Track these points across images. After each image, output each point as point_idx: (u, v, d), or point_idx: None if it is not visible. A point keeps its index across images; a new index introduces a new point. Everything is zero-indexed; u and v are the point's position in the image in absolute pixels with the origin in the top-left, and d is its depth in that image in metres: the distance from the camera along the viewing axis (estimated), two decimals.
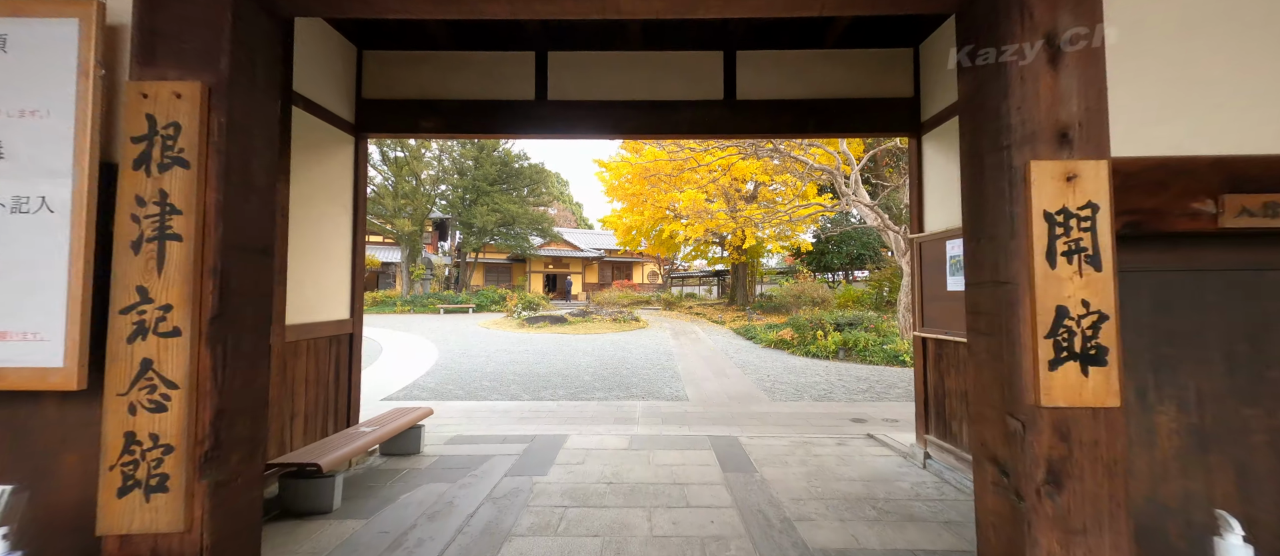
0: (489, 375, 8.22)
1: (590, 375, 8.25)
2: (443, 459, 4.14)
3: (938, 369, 3.92)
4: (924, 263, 4.07)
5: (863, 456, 4.23)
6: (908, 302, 10.36)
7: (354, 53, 4.19)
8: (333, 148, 4.00)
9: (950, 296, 3.71)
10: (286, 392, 3.41)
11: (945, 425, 3.78)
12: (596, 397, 6.78)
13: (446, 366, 9.07)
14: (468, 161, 24.74)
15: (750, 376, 8.27)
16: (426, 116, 4.30)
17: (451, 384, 7.63)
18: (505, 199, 23.70)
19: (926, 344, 4.07)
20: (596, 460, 4.06)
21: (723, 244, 21.31)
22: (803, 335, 10.89)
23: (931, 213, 4.04)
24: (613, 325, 15.72)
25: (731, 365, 9.37)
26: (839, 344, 10.10)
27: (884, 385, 7.49)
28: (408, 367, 8.95)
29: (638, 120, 4.33)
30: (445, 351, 10.82)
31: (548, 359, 9.83)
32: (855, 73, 4.27)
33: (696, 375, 8.40)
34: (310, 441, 3.63)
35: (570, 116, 4.29)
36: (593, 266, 35.39)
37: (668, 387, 7.42)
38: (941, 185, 3.92)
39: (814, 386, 7.46)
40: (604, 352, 10.67)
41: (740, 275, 21.52)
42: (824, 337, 10.44)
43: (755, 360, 9.92)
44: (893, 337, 10.35)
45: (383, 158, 22.09)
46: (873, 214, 11.03)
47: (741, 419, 5.64)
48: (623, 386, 7.47)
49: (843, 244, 18.38)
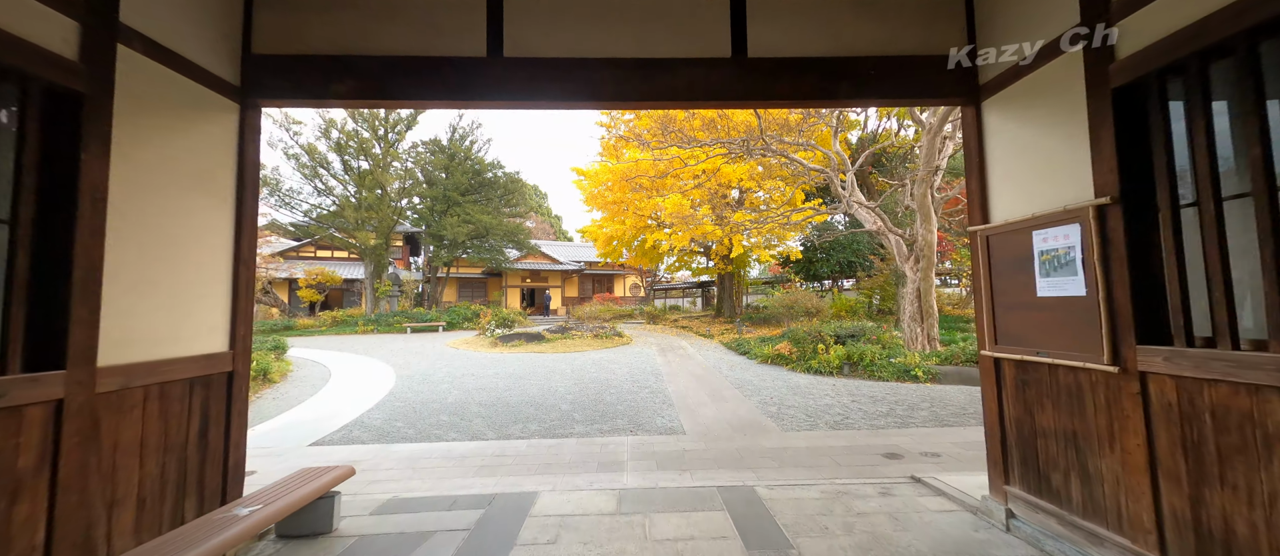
0: (449, 407, 7.03)
1: (569, 403, 7.14)
2: (363, 541, 3.01)
3: (1021, 399, 3.00)
4: (995, 261, 3.17)
5: (920, 513, 3.27)
6: (912, 311, 9.61)
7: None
8: (203, 117, 2.90)
9: (1041, 304, 2.80)
10: (100, 468, 2.26)
11: (1040, 476, 2.85)
12: (576, 433, 5.68)
13: (401, 396, 7.83)
14: (438, 172, 23.43)
15: (752, 399, 7.29)
16: (341, 78, 3.24)
17: (402, 420, 6.42)
18: (478, 209, 22.43)
19: (1001, 366, 3.15)
20: (573, 535, 2.99)
21: (708, 253, 20.50)
22: (802, 349, 10.01)
23: (1001, 197, 3.15)
24: (594, 341, 14.61)
25: (727, 385, 8.39)
26: (842, 358, 9.24)
27: (904, 407, 6.60)
28: (353, 400, 7.68)
29: (620, 83, 3.35)
30: (404, 377, 9.54)
31: (521, 383, 8.68)
32: (895, 23, 3.40)
33: (691, 399, 7.38)
34: (147, 536, 2.47)
35: (533, 78, 3.29)
36: (572, 280, 34.21)
37: (659, 416, 6.37)
38: (1015, 161, 3.04)
39: (826, 410, 6.52)
40: (585, 374, 9.56)
41: (727, 286, 20.70)
42: (825, 352, 9.57)
43: (753, 379, 8.96)
44: (898, 350, 9.55)
45: (345, 167, 20.65)
46: (871, 217, 10.31)
47: (752, 457, 4.64)
48: (607, 416, 6.39)
49: (832, 252, 17.77)
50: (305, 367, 10.93)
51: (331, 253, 29.34)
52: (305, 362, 11.61)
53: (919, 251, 9.44)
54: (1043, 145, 2.83)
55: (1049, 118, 2.78)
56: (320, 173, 19.75)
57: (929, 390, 7.64)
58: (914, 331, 9.67)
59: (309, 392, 8.32)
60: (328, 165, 19.97)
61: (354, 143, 20.39)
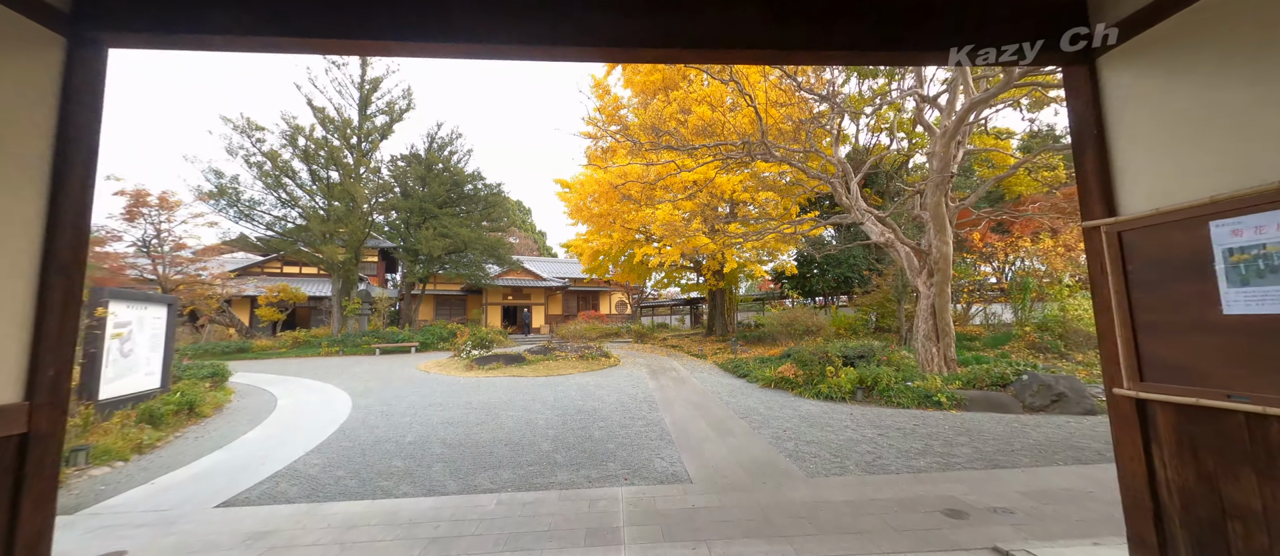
0: (407, 448, 5.91)
1: (551, 440, 6.09)
2: None
3: (1192, 462, 2.11)
4: (1133, 266, 2.32)
5: None
6: (926, 330, 8.85)
7: None
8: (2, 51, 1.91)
9: (1230, 326, 1.95)
10: None
11: None
12: (558, 481, 4.65)
13: (352, 434, 6.66)
14: (414, 183, 22.26)
15: (762, 433, 6.34)
16: (221, 6, 2.29)
17: (346, 466, 5.29)
18: (456, 222, 21.26)
19: (1151, 412, 2.28)
20: None
21: (698, 268, 19.69)
22: (808, 372, 9.13)
23: (1141, 178, 2.31)
24: (579, 363, 13.53)
25: (732, 415, 7.43)
26: (855, 382, 8.38)
27: (940, 441, 5.73)
28: (293, 438, 6.49)
29: (617, 27, 2.47)
30: (360, 408, 8.35)
31: (496, 415, 7.58)
32: None
33: (692, 433, 6.40)
34: None
35: (494, 16, 2.39)
36: (556, 297, 33.04)
37: (659, 458, 5.37)
38: (1167, 127, 2.22)
39: (852, 447, 5.60)
40: (569, 402, 8.50)
41: (718, 303, 19.87)
42: (835, 374, 8.71)
43: (758, 406, 8.02)
44: (911, 371, 8.75)
45: (313, 177, 19.37)
46: (879, 227, 9.60)
47: (781, 518, 3.68)
48: (596, 458, 5.37)
49: (826, 267, 17.12)
50: (248, 396, 9.60)
51: (300, 269, 27.69)
52: (249, 391, 10.27)
53: (933, 264, 8.73)
54: (1218, 101, 2.01)
55: (1229, 61, 1.97)
56: (284, 182, 18.43)
57: (958, 419, 6.81)
58: (929, 351, 8.90)
59: (242, 429, 7.08)
60: (293, 174, 18.67)
61: (324, 151, 19.18)
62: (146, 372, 7.71)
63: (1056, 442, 5.62)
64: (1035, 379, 7.38)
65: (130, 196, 12.73)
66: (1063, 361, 10.87)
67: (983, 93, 7.41)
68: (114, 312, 6.85)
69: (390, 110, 21.58)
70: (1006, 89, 7.08)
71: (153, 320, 7.89)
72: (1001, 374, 7.86)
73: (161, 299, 8.17)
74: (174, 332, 8.38)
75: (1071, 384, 7.21)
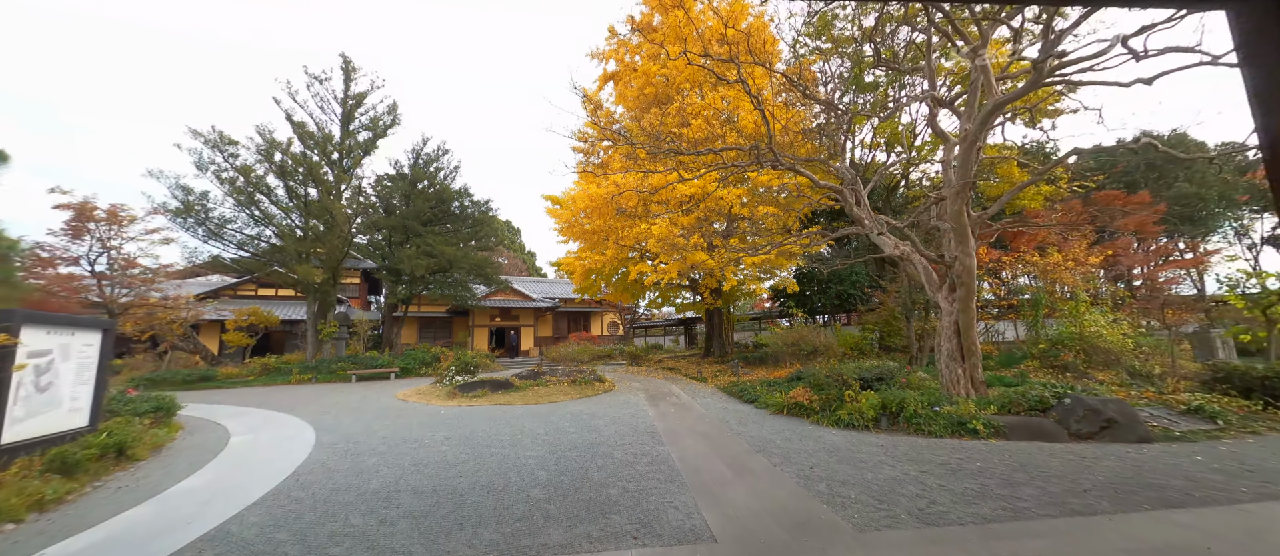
0: (371, 498, 4.97)
1: (542, 486, 5.19)
2: None
3: None
4: None
5: None
6: (950, 349, 8.17)
7: None
8: None
9: None
10: None
11: None
12: (552, 545, 3.76)
13: (307, 480, 5.68)
14: (396, 200, 21.37)
15: (786, 470, 5.51)
16: None
17: (290, 526, 4.33)
18: (441, 240, 20.33)
19: None
20: None
21: (695, 287, 18.97)
22: (824, 396, 8.35)
23: None
24: (571, 389, 12.58)
25: (747, 448, 6.59)
26: (877, 408, 7.62)
27: (997, 480, 4.96)
28: (238, 486, 5.50)
29: None
30: (325, 446, 7.34)
31: (479, 453, 6.64)
32: None
33: (706, 473, 5.54)
34: None
35: None
36: (546, 318, 32.02)
37: (671, 504, 4.51)
38: None
39: (896, 488, 4.80)
40: (562, 436, 7.58)
41: (716, 323, 19.10)
42: (853, 399, 7.94)
43: (774, 437, 7.20)
44: (935, 395, 8.02)
45: (290, 194, 18.41)
46: (892, 240, 9.00)
47: None
48: (596, 508, 4.49)
49: (828, 284, 16.51)
50: (197, 433, 8.50)
51: (276, 292, 26.38)
52: (200, 426, 9.15)
53: (956, 278, 8.11)
54: None
55: None
56: (258, 199, 17.43)
57: (1002, 451, 6.05)
58: (953, 373, 8.20)
59: (179, 474, 6.04)
60: (268, 190, 17.68)
61: (302, 167, 18.28)
62: (71, 409, 6.65)
63: (1129, 480, 4.87)
64: (1079, 402, 6.69)
65: (74, 209, 11.64)
66: (1083, 381, 10.26)
67: (1007, 94, 6.91)
68: (25, 341, 5.84)
69: (374, 126, 20.84)
70: (1034, 88, 6.58)
71: (81, 348, 6.86)
72: (1039, 397, 7.15)
73: (94, 323, 7.16)
74: (108, 362, 7.34)
75: (1120, 407, 6.53)
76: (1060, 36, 6.14)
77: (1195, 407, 7.04)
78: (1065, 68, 6.48)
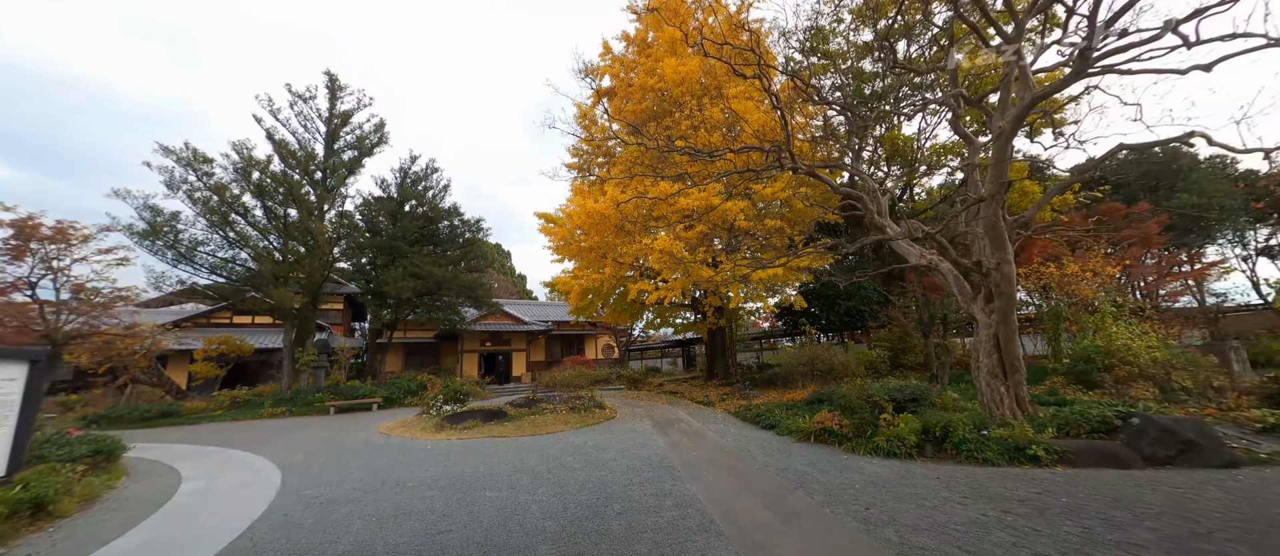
0: None
1: (552, 542, 4.28)
2: None
3: None
4: None
5: None
6: (990, 365, 7.49)
7: None
8: None
9: None
10: None
11: None
12: None
13: (263, 539, 4.69)
14: (382, 219, 20.46)
15: (839, 512, 4.67)
16: None
17: None
18: (428, 260, 19.38)
19: None
20: None
21: (696, 306, 18.21)
22: (856, 420, 7.55)
23: None
24: (571, 417, 11.61)
25: (783, 484, 5.74)
26: (918, 433, 6.83)
27: (1099, 520, 4.18)
28: (176, 548, 4.49)
29: None
30: (289, 491, 6.31)
31: (471, 498, 5.69)
32: None
33: (744, 517, 4.68)
34: None
35: None
36: (538, 342, 30.89)
37: None
38: None
39: (982, 536, 3.99)
40: (568, 474, 6.65)
41: (718, 343, 18.29)
42: (891, 424, 7.16)
43: (809, 469, 6.35)
44: (976, 416, 7.26)
45: (268, 214, 17.43)
46: (917, 248, 8.38)
47: None
48: None
49: (835, 301, 15.88)
50: (144, 480, 7.39)
51: (253, 319, 25.00)
52: (150, 470, 8.01)
53: (994, 287, 7.47)
54: None
55: None
56: (234, 219, 16.42)
57: (1078, 481, 5.28)
58: (995, 391, 7.48)
59: (107, 535, 4.99)
60: (245, 211, 16.69)
61: (283, 188, 17.36)
62: None
63: (1248, 515, 4.12)
64: (1151, 423, 5.98)
65: (14, 227, 10.54)
66: (1119, 398, 9.62)
67: (1046, 85, 6.41)
68: None
69: (360, 144, 20.09)
70: (1078, 78, 6.09)
71: (1, 384, 5.83)
72: (1101, 417, 6.44)
73: (17, 354, 6.13)
74: (36, 399, 6.28)
75: (1198, 427, 5.83)
76: (1115, 16, 5.69)
77: (1272, 426, 6.38)
78: (1110, 56, 6.02)
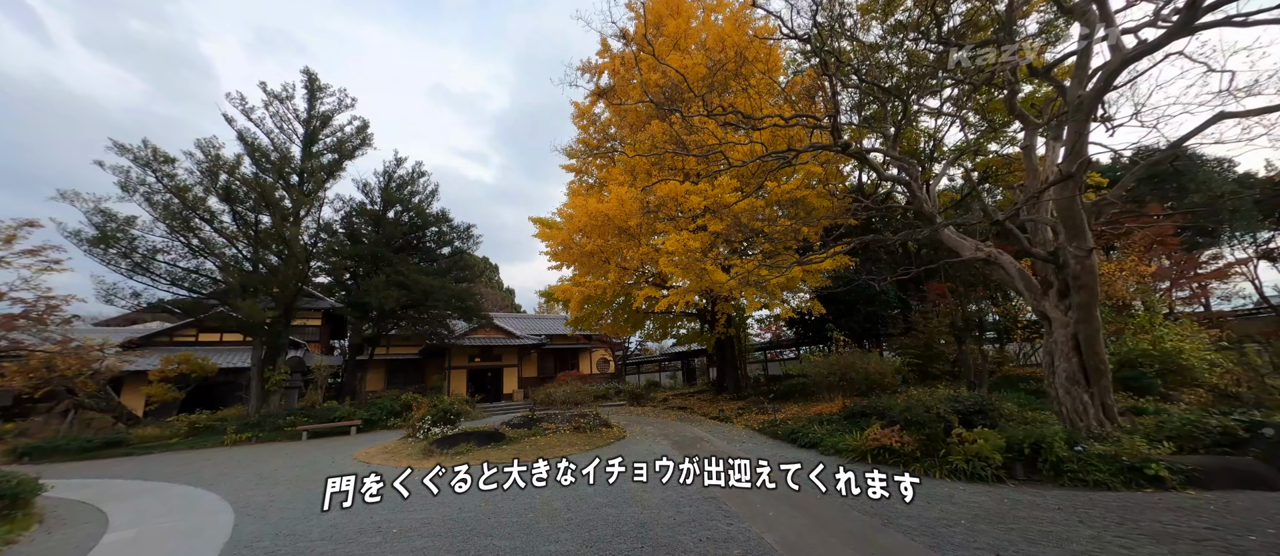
0: None
1: None
2: None
3: None
4: None
5: None
6: (1068, 370, 6.59)
7: None
8: None
9: None
10: None
11: None
12: None
13: None
14: (364, 225, 19.06)
15: None
16: None
17: None
18: (414, 269, 17.99)
19: None
20: None
21: (702, 315, 17.11)
22: (921, 436, 6.49)
23: None
24: (577, 438, 10.34)
25: (861, 517, 4.65)
26: (1001, 450, 5.79)
27: None
28: None
29: None
30: (241, 543, 4.99)
31: (471, 550, 4.46)
32: None
33: None
34: None
35: None
36: (530, 358, 29.39)
37: None
38: None
39: None
40: (595, 511, 5.43)
41: (728, 354, 17.17)
42: (967, 441, 6.10)
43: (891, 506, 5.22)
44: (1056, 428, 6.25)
45: (238, 220, 15.95)
46: (971, 241, 7.46)
47: None
48: None
49: (854, 306, 14.95)
50: (61, 527, 5.92)
51: (221, 336, 23.11)
52: (72, 514, 6.52)
53: (1074, 279, 6.54)
54: None
55: None
56: (197, 225, 14.91)
57: (1230, 508, 4.26)
58: (1076, 400, 6.49)
59: None
60: (211, 216, 15.21)
61: (254, 192, 15.95)
62: None
63: None
64: None
65: None
66: (1166, 404, 8.78)
67: (1140, 46, 5.58)
68: None
69: (340, 148, 18.76)
70: (1184, 31, 5.26)
71: None
72: (1222, 428, 5.47)
73: None
74: None
75: None
76: None
77: None
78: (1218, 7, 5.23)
